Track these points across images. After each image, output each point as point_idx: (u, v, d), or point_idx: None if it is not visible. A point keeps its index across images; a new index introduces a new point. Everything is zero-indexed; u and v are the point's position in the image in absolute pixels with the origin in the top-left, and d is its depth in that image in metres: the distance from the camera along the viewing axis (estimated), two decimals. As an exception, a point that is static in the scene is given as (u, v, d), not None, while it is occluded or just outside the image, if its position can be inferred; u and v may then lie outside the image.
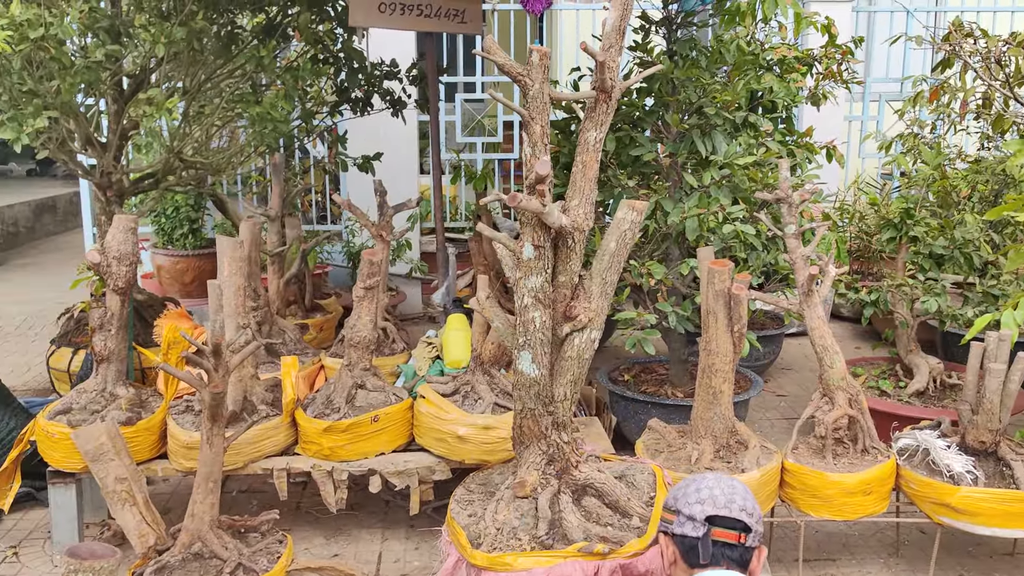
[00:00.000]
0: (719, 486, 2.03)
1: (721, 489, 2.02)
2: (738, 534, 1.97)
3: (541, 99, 2.53)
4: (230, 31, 4.87)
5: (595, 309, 2.66)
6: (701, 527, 1.98)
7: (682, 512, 2.02)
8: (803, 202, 3.50)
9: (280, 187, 5.17)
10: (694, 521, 1.99)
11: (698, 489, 2.03)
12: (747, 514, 1.99)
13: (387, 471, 3.59)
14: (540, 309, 2.63)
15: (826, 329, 3.39)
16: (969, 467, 3.18)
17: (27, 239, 10.64)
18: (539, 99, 2.53)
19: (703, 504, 2.00)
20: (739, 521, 1.98)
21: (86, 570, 1.95)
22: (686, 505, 2.02)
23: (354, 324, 3.70)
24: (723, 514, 1.98)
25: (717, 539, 1.97)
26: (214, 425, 3.06)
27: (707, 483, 2.05)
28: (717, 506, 1.99)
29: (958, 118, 5.33)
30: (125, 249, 3.66)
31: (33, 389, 5.48)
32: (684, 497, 2.04)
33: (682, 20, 4.47)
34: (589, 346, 2.71)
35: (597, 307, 2.67)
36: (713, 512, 1.98)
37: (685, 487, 2.07)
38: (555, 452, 2.79)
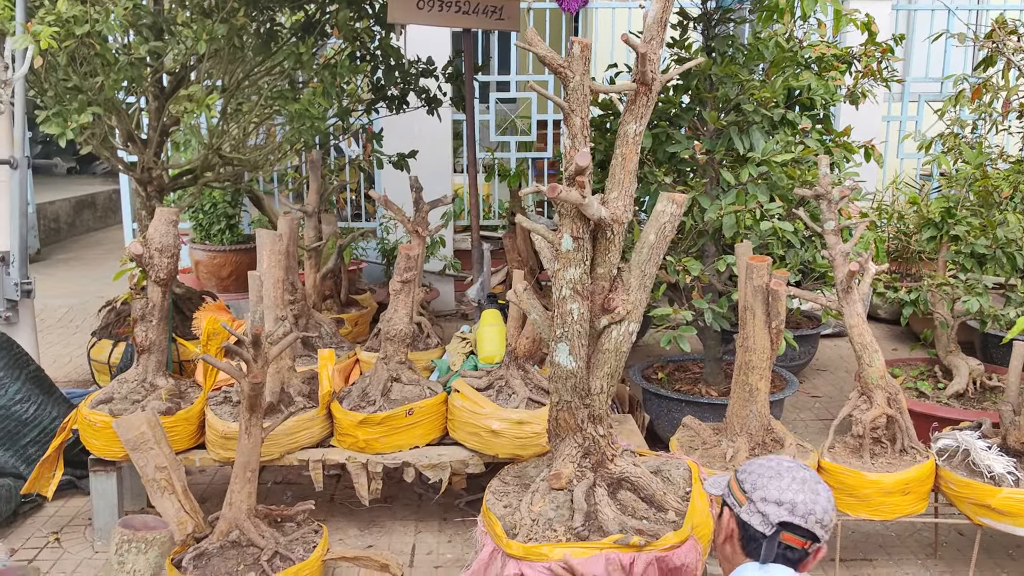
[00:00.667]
0: (804, 491, 1.90)
1: (804, 496, 1.90)
2: (806, 542, 1.90)
3: (581, 91, 2.53)
4: (270, 28, 4.93)
5: (633, 301, 2.66)
6: (771, 528, 1.89)
7: (755, 503, 1.92)
8: (843, 199, 3.46)
9: (317, 184, 5.22)
10: (765, 518, 1.90)
11: (780, 488, 1.91)
12: (821, 527, 1.90)
13: (421, 464, 3.61)
14: (578, 301, 2.63)
15: (865, 327, 3.36)
16: (1011, 468, 3.13)
17: (68, 235, 10.82)
18: (579, 91, 2.53)
19: (781, 507, 1.89)
20: (811, 533, 1.89)
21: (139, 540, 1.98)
22: (762, 500, 1.91)
23: (390, 317, 3.73)
24: (799, 524, 1.88)
25: (782, 542, 1.90)
26: (252, 415, 3.10)
27: (793, 484, 1.92)
28: (795, 515, 1.88)
29: (1000, 117, 5.25)
30: (167, 241, 3.71)
31: (74, 380, 5.58)
32: (763, 488, 1.93)
33: (720, 17, 4.45)
34: (627, 339, 2.71)
35: (635, 299, 2.66)
36: (789, 519, 1.88)
37: (768, 478, 1.94)
38: (591, 445, 2.79)
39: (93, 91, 4.19)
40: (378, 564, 3.27)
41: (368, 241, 7.40)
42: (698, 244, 4.19)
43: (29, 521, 3.92)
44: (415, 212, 4.77)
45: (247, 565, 3.03)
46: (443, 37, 6.93)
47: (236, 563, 3.04)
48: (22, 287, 4.33)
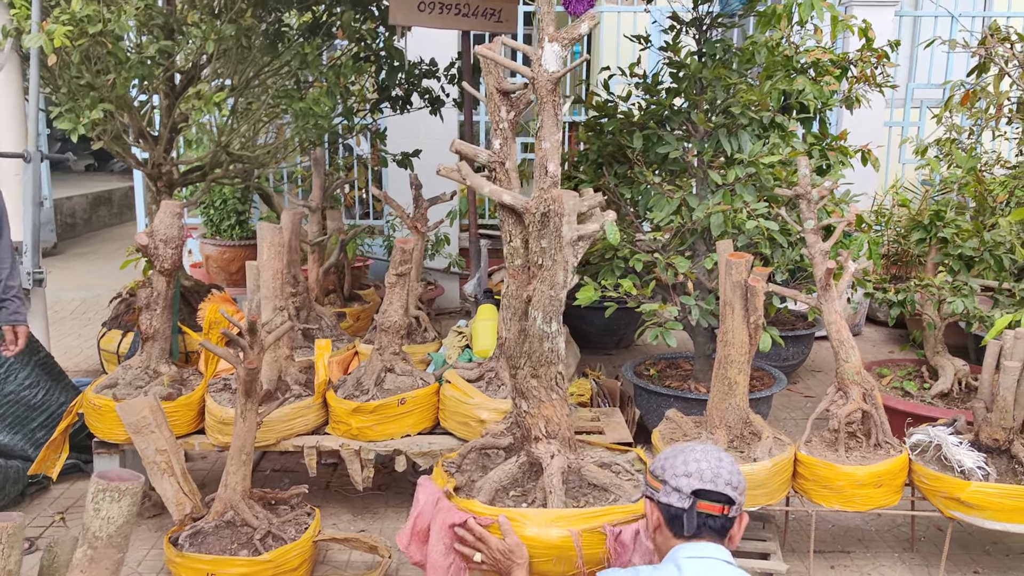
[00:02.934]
0: (706, 459, 2.08)
1: (708, 463, 2.06)
2: (722, 506, 2.04)
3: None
4: (277, 29, 5.07)
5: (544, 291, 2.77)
6: (687, 499, 2.04)
7: (668, 483, 2.07)
8: (822, 199, 3.56)
9: (321, 180, 5.36)
10: (680, 493, 2.05)
11: (685, 462, 2.08)
12: (732, 487, 2.05)
13: (412, 452, 3.73)
14: (507, 274, 2.84)
15: (843, 324, 3.45)
16: (980, 463, 3.22)
17: (84, 230, 11.03)
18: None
19: (690, 478, 2.05)
20: (724, 495, 2.04)
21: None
22: (673, 477, 2.07)
23: (385, 310, 3.85)
24: (709, 488, 2.03)
25: (701, 511, 2.03)
26: (248, 400, 3.23)
27: (695, 455, 2.09)
28: (704, 480, 2.04)
29: (994, 123, 5.32)
30: (171, 232, 3.85)
31: (84, 370, 5.74)
32: (672, 468, 2.09)
33: (712, 21, 4.55)
34: (541, 330, 2.80)
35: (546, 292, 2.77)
36: (700, 486, 2.03)
37: (673, 457, 2.12)
38: (518, 418, 2.90)
39: (105, 88, 4.35)
40: (367, 546, 3.40)
41: (374, 238, 7.54)
42: (688, 243, 4.29)
43: (36, 502, 4.07)
44: (415, 208, 4.90)
45: (240, 543, 3.16)
46: (449, 38, 7.05)
47: (230, 541, 3.17)
48: (34, 276, 4.49)
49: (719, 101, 4.21)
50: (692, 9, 4.54)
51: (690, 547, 2.03)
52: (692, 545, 2.03)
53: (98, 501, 2.15)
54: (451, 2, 4.52)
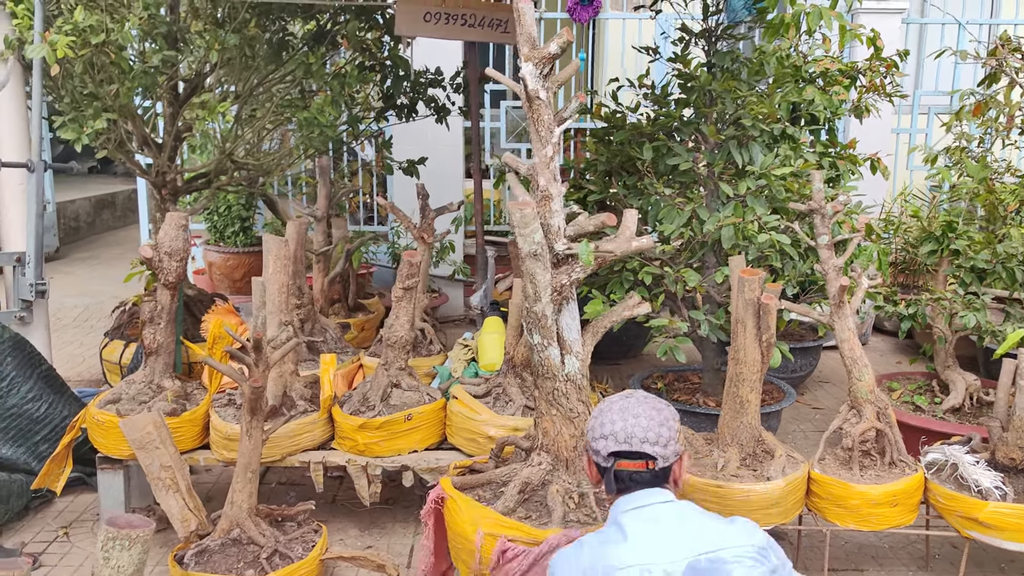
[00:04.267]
0: (621, 419, 2.05)
1: (623, 423, 2.04)
2: (642, 462, 2.02)
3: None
4: (281, 38, 5.03)
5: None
6: (607, 460, 2.05)
7: (591, 445, 2.09)
8: (836, 213, 3.51)
9: (326, 188, 5.33)
10: (601, 454, 2.06)
11: (602, 424, 2.08)
12: (649, 444, 2.02)
13: (419, 468, 3.69)
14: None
15: (856, 342, 3.41)
16: (997, 483, 3.18)
17: (87, 234, 10.99)
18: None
19: (606, 440, 2.05)
20: (641, 453, 2.02)
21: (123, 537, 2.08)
22: (593, 439, 2.08)
23: (392, 324, 3.81)
24: (625, 449, 2.02)
25: (622, 469, 2.03)
26: (253, 418, 3.20)
27: (610, 416, 2.07)
28: (619, 442, 2.03)
29: (1005, 132, 5.27)
30: (176, 245, 3.81)
31: (86, 380, 5.70)
32: (592, 430, 2.10)
33: (721, 32, 4.51)
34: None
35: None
36: (616, 448, 2.03)
37: (595, 418, 2.12)
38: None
39: (108, 98, 4.31)
40: (375, 564, 3.35)
41: (379, 245, 7.50)
42: (698, 255, 4.25)
43: (39, 516, 4.03)
44: (421, 218, 4.86)
45: (247, 562, 3.12)
46: (455, 47, 7.01)
47: (236, 560, 3.13)
48: (36, 288, 4.45)
49: (729, 113, 4.17)
50: (702, 20, 4.49)
51: (625, 500, 2.03)
52: (627, 498, 2.03)
53: (108, 550, 2.12)
54: (457, 12, 4.49)
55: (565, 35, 2.75)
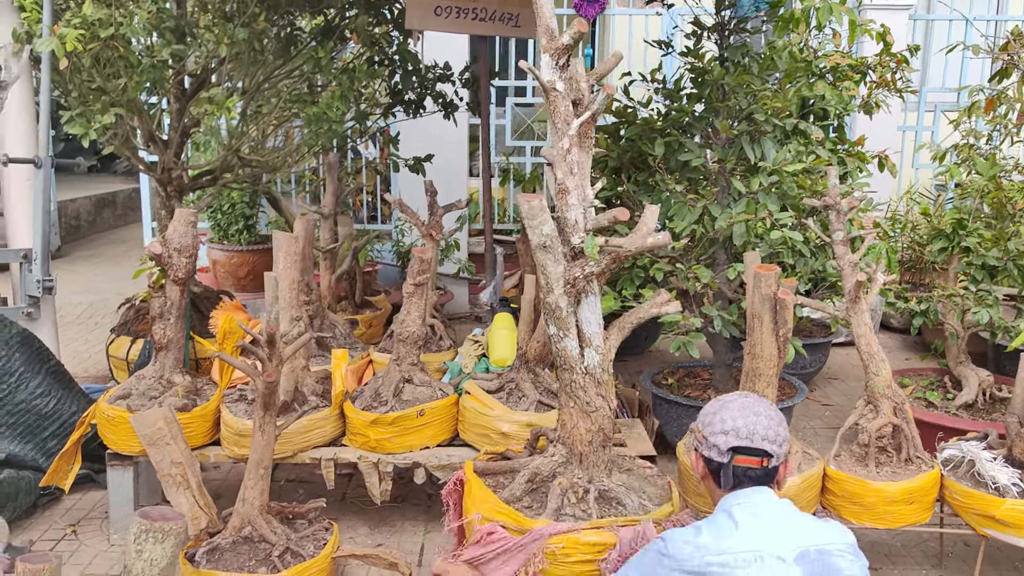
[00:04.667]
0: (742, 416, 2.14)
1: (744, 420, 2.13)
2: (760, 459, 2.12)
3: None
4: (290, 33, 5.01)
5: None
6: (725, 455, 2.13)
7: (708, 439, 2.17)
8: (852, 209, 3.49)
9: (334, 186, 5.30)
10: (718, 449, 2.14)
11: (723, 419, 2.15)
12: (769, 442, 2.12)
13: (431, 464, 3.66)
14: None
15: (872, 336, 3.39)
16: (1015, 480, 3.15)
17: (88, 232, 10.95)
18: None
19: (727, 435, 2.13)
20: (761, 450, 2.11)
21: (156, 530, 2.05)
22: (712, 434, 2.16)
23: (403, 320, 3.78)
24: (745, 445, 2.11)
25: (739, 465, 2.12)
26: (266, 413, 3.17)
27: (731, 413, 2.15)
28: (740, 438, 2.12)
29: (1015, 129, 5.25)
30: (185, 241, 3.78)
31: (92, 376, 5.67)
32: (710, 425, 2.17)
33: (735, 26, 4.48)
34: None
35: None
36: (736, 443, 2.12)
37: (713, 414, 2.19)
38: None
39: (116, 92, 4.28)
40: (387, 563, 3.32)
41: (383, 244, 7.47)
42: (709, 252, 4.22)
43: (47, 513, 4.00)
44: (429, 216, 4.83)
45: (258, 560, 3.09)
46: (461, 42, 6.99)
47: (248, 558, 3.10)
48: (44, 284, 4.42)
49: (742, 107, 4.14)
50: (715, 14, 4.47)
51: (735, 495, 2.13)
52: (738, 493, 2.13)
53: (140, 542, 2.09)
54: (468, 6, 4.45)
55: (577, 26, 2.72)
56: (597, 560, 2.65)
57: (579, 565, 2.66)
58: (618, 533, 2.64)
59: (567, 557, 2.65)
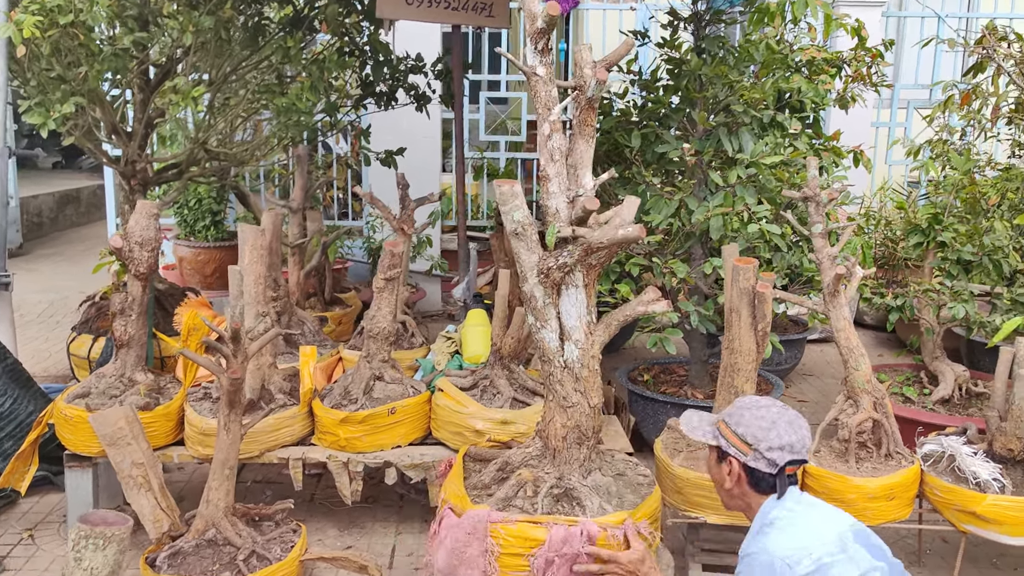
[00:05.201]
0: (794, 431, 2.26)
1: (796, 435, 2.26)
2: (796, 467, 2.28)
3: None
4: (257, 22, 4.88)
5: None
6: (778, 467, 2.24)
7: (762, 453, 2.24)
8: (831, 201, 3.44)
9: (303, 180, 5.17)
10: (772, 462, 2.24)
11: (779, 435, 2.25)
12: (807, 451, 2.30)
13: (403, 464, 3.56)
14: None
15: (852, 331, 3.34)
16: (996, 475, 3.11)
17: (51, 229, 10.71)
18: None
19: (783, 451, 2.24)
20: (805, 460, 2.29)
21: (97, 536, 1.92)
22: (767, 449, 2.24)
23: (374, 315, 3.68)
24: (797, 459, 2.26)
25: (789, 474, 2.27)
26: (231, 411, 3.05)
27: (784, 430, 2.26)
28: (795, 452, 2.25)
29: (989, 124, 5.25)
30: (148, 235, 3.65)
31: (53, 376, 5.51)
32: (765, 439, 2.25)
33: (711, 18, 4.43)
34: None
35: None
36: (792, 458, 2.25)
37: (764, 427, 2.26)
38: None
39: (77, 81, 4.14)
40: (356, 565, 3.22)
41: (354, 240, 7.35)
42: (685, 246, 4.16)
43: (3, 517, 3.86)
44: (401, 210, 4.73)
45: (223, 564, 2.97)
46: (433, 34, 6.89)
47: (212, 562, 2.98)
48: (0, 280, 4.27)
49: (719, 99, 4.08)
50: (691, 4, 4.41)
51: (790, 496, 2.25)
52: (789, 493, 2.26)
53: (80, 549, 1.96)
54: (441, -5, 4.36)
55: (548, 9, 2.64)
56: (526, 555, 2.58)
57: (511, 558, 2.60)
58: (551, 530, 2.57)
59: (504, 548, 2.60)
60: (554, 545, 2.55)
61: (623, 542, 2.56)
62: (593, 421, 2.80)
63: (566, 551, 2.54)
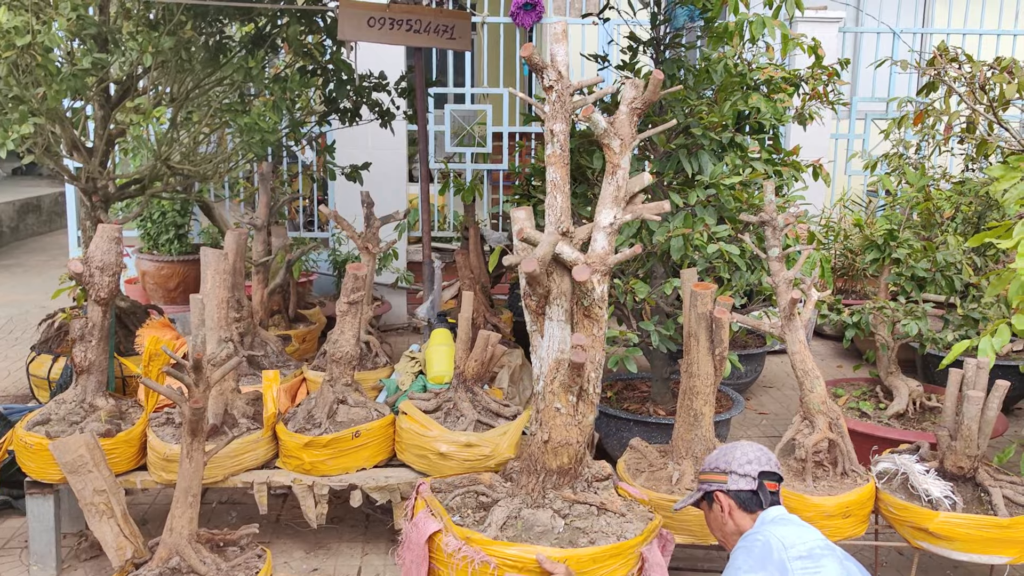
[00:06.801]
0: (755, 450, 2.58)
1: (761, 452, 2.58)
2: (776, 483, 2.55)
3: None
4: (219, 41, 4.86)
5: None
6: (754, 481, 2.51)
7: (736, 472, 2.53)
8: (787, 225, 3.51)
9: (267, 196, 5.16)
10: (748, 478, 2.52)
11: (744, 453, 2.57)
12: (778, 467, 2.59)
13: (368, 486, 3.58)
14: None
15: (807, 353, 3.41)
16: (948, 492, 3.20)
17: (11, 239, 10.56)
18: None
19: (752, 464, 2.54)
20: (777, 474, 2.56)
21: None
22: (739, 467, 2.54)
23: (336, 339, 3.69)
24: (768, 469, 2.54)
25: (770, 489, 2.52)
26: (194, 440, 3.05)
27: (746, 448, 2.59)
28: (762, 464, 2.55)
29: (942, 140, 5.37)
30: (108, 259, 3.64)
31: (12, 395, 5.44)
32: (734, 460, 2.56)
33: (670, 40, 4.49)
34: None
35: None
36: (761, 468, 2.54)
37: (730, 454, 2.59)
38: None
39: (35, 101, 4.10)
40: (322, 590, 3.24)
41: (319, 252, 7.33)
42: (646, 266, 4.22)
43: (-38, 544, 3.82)
44: (366, 228, 4.74)
45: (187, 593, 2.98)
46: (398, 50, 6.89)
47: (175, 591, 2.99)
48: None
49: (679, 121, 4.14)
50: (651, 28, 4.47)
51: (772, 510, 2.49)
52: (772, 509, 2.50)
53: None
54: (402, 18, 4.37)
55: (522, 52, 2.74)
56: None
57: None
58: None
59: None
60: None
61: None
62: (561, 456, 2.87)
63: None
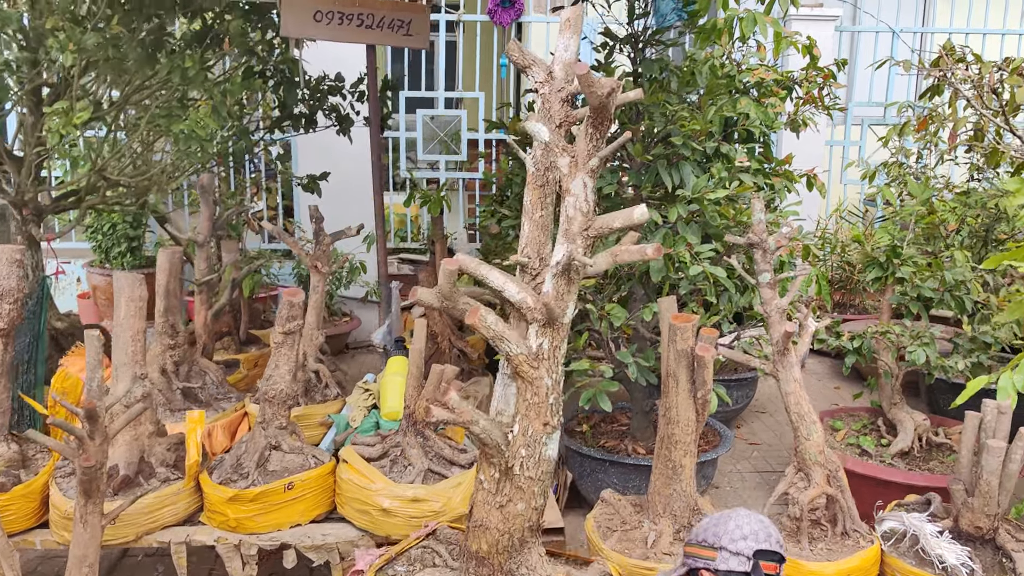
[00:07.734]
0: (753, 523, 2.17)
1: (760, 525, 2.17)
2: (776, 565, 2.15)
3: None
4: (156, 39, 4.42)
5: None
6: (748, 562, 2.12)
7: (727, 548, 2.14)
8: (779, 248, 3.09)
9: (209, 210, 4.70)
10: (741, 556, 2.13)
11: (739, 526, 2.16)
12: (780, 546, 2.17)
13: (303, 545, 3.14)
14: None
15: (803, 394, 2.99)
16: (965, 559, 2.78)
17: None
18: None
19: (747, 540, 2.14)
20: (777, 553, 2.15)
21: None
22: (730, 542, 2.14)
23: (270, 375, 3.26)
24: (765, 547, 2.14)
25: (763, 571, 2.13)
26: (88, 501, 2.62)
27: (741, 520, 2.17)
28: (759, 541, 2.14)
29: (947, 148, 4.96)
30: (8, 284, 3.20)
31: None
32: (726, 534, 2.16)
33: (649, 38, 4.06)
34: None
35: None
36: (757, 546, 2.13)
37: (722, 525, 2.18)
38: None
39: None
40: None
41: (283, 266, 6.89)
42: (623, 288, 3.79)
43: None
44: (315, 246, 4.31)
45: None
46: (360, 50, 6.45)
47: None
48: None
49: (658, 129, 3.72)
50: (627, 24, 4.04)
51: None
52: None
53: None
54: (352, 12, 3.94)
55: (507, 51, 2.33)
56: None
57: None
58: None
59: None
60: None
61: None
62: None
63: None
